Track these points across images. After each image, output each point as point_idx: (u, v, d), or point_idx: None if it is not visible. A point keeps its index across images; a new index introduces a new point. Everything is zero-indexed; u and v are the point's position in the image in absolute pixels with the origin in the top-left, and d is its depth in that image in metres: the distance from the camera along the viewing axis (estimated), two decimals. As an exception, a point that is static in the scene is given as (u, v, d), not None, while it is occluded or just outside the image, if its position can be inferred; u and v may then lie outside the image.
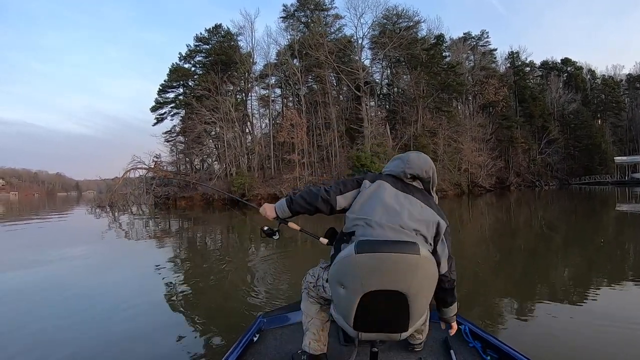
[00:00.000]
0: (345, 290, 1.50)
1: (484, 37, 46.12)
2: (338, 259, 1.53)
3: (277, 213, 1.92)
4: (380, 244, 1.47)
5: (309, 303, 1.94)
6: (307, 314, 1.94)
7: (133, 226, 15.08)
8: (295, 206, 1.83)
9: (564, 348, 2.93)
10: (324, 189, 1.77)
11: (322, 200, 1.75)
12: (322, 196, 1.75)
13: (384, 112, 36.23)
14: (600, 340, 3.03)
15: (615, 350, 2.86)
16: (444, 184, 32.16)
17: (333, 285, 1.58)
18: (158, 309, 4.26)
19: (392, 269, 1.44)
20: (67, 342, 3.38)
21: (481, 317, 3.66)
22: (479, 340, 2.12)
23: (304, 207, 1.82)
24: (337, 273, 1.53)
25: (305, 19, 37.85)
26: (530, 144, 44.37)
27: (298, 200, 1.81)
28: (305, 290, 1.97)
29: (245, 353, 2.05)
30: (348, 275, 1.48)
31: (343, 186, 1.77)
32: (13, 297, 4.93)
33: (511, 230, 11.36)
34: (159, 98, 39.63)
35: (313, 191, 1.79)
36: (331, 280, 1.59)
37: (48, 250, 8.69)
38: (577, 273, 5.51)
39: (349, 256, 1.45)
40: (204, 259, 7.59)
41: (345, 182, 1.80)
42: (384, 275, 1.45)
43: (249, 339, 2.15)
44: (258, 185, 30.90)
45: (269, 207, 1.97)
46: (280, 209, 1.90)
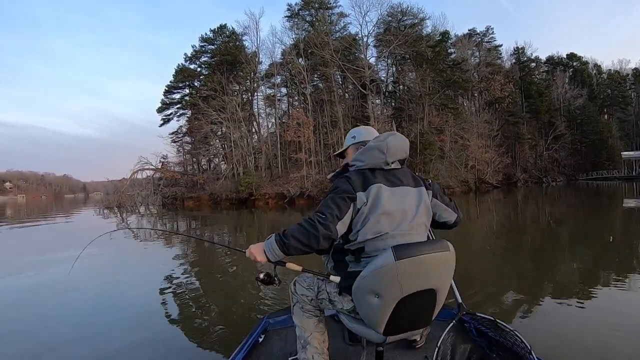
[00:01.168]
0: (380, 299, 1.49)
1: (489, 33, 45.92)
2: (372, 269, 1.48)
3: (268, 257, 1.62)
4: (417, 247, 1.50)
5: (304, 318, 1.83)
6: (305, 328, 1.82)
7: (141, 226, 15.21)
8: (291, 250, 1.56)
9: (569, 345, 2.94)
10: (319, 223, 1.51)
11: (323, 238, 1.51)
12: (322, 234, 1.51)
13: (390, 110, 36.15)
14: (606, 338, 3.01)
15: (621, 348, 2.83)
16: (451, 180, 32.16)
17: (363, 296, 1.53)
18: (164, 309, 4.31)
19: (430, 269, 1.51)
20: (70, 342, 3.41)
21: (488, 313, 3.65)
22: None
23: (301, 250, 1.56)
24: (371, 284, 1.49)
25: (310, 17, 37.83)
26: (537, 140, 44.18)
27: (293, 244, 1.54)
28: (298, 305, 1.85)
29: (250, 354, 2.05)
30: (386, 284, 1.47)
31: (338, 210, 1.55)
32: (28, 298, 4.97)
33: (518, 226, 11.35)
34: (165, 99, 39.86)
35: (308, 230, 1.51)
36: (360, 292, 1.53)
37: (57, 251, 8.77)
38: (584, 270, 5.48)
39: (387, 264, 1.44)
40: (211, 259, 7.62)
41: (336, 203, 1.57)
42: (422, 277, 1.50)
43: (255, 340, 2.15)
44: (265, 184, 31.00)
45: (257, 250, 1.66)
46: (271, 253, 1.60)
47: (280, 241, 1.56)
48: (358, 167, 1.69)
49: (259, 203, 29.03)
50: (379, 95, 36.89)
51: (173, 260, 7.45)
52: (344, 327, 1.81)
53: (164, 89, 39.92)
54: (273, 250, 1.58)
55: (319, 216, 1.54)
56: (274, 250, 1.58)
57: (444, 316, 2.28)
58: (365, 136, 1.91)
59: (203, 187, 33.88)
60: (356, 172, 1.67)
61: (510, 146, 41.11)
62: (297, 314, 1.86)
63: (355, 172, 1.67)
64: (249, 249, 1.69)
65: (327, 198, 1.60)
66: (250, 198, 30.03)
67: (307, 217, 1.56)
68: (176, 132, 40.23)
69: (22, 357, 3.22)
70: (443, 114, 35.14)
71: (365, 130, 1.97)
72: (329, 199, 1.60)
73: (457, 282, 2.21)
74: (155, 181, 34.57)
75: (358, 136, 1.94)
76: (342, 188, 1.60)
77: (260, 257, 1.63)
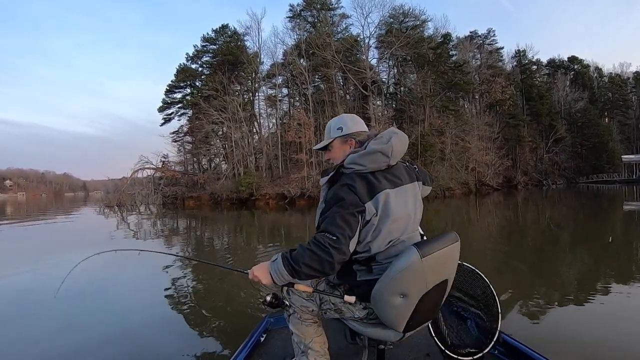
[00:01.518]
0: (404, 299, 1.49)
1: (490, 36, 46.03)
2: (397, 271, 1.45)
3: (275, 281, 1.53)
4: (436, 242, 1.52)
5: (304, 327, 1.73)
6: (305, 335, 1.74)
7: (141, 226, 15.20)
8: (302, 277, 1.48)
9: (569, 344, 2.97)
10: (332, 247, 1.41)
11: (338, 264, 1.44)
12: (337, 260, 1.42)
13: (391, 111, 36.17)
14: (605, 339, 3.04)
15: (622, 350, 2.84)
16: (451, 182, 32.21)
17: (385, 299, 1.50)
18: (166, 309, 4.33)
19: (447, 261, 1.58)
20: (71, 342, 3.42)
21: None
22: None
23: (314, 276, 1.49)
24: (396, 286, 1.47)
25: (312, 18, 37.86)
26: (538, 142, 44.28)
27: (305, 271, 1.44)
28: (295, 315, 1.74)
29: (252, 353, 2.04)
30: (413, 282, 1.48)
31: (349, 229, 1.45)
32: (30, 297, 4.99)
33: (518, 229, 11.38)
34: (166, 98, 39.88)
35: (321, 256, 1.41)
36: (382, 296, 1.50)
37: (58, 251, 8.75)
38: (583, 271, 5.49)
39: (414, 264, 1.44)
40: (212, 258, 7.63)
41: (346, 220, 1.45)
42: (440, 270, 1.56)
43: (256, 339, 2.15)
44: (266, 184, 30.98)
45: (261, 272, 1.56)
46: (278, 277, 1.51)
47: (289, 266, 1.46)
48: (357, 171, 1.55)
49: (260, 203, 29.02)
50: (380, 97, 36.89)
51: (173, 259, 7.36)
52: (344, 326, 1.78)
53: (165, 88, 40.04)
54: (281, 275, 1.49)
55: (330, 238, 1.42)
56: (282, 275, 1.49)
57: None
58: (354, 127, 1.73)
59: (203, 186, 33.86)
60: (357, 176, 1.54)
61: (510, 149, 41.16)
62: (294, 324, 1.76)
63: (356, 176, 1.54)
64: (252, 270, 1.59)
65: (335, 214, 1.46)
66: (250, 198, 30.01)
67: (316, 240, 1.43)
68: (177, 131, 40.28)
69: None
70: (444, 115, 35.18)
71: (352, 119, 1.76)
72: (337, 216, 1.45)
73: None
74: (155, 180, 34.59)
75: (345, 127, 1.72)
76: (348, 200, 1.47)
77: (266, 280, 1.54)
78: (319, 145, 1.82)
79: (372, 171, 1.55)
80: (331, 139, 1.75)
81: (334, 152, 1.77)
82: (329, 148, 1.78)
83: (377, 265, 1.55)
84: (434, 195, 29.98)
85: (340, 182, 1.55)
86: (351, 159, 1.58)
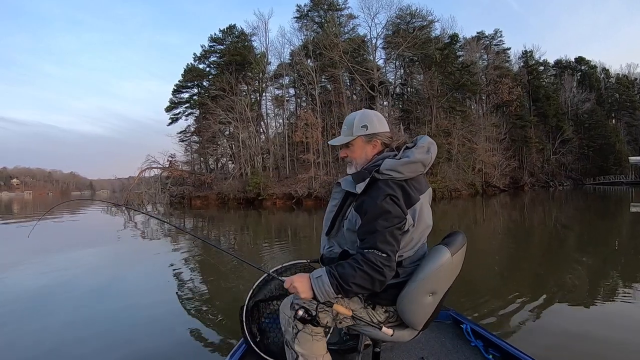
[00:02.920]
0: (433, 297, 1.53)
1: (497, 36, 45.93)
2: (430, 270, 1.48)
3: (317, 297, 1.44)
4: (457, 240, 1.60)
5: (314, 343, 1.56)
6: (316, 354, 1.58)
7: (148, 225, 15.20)
8: (350, 296, 1.47)
9: (568, 349, 2.95)
10: (386, 267, 1.38)
11: (389, 280, 1.42)
12: (388, 278, 1.41)
13: (398, 112, 36.17)
14: (604, 344, 3.02)
15: (623, 353, 2.85)
16: (458, 183, 32.15)
17: (415, 299, 1.51)
18: (166, 308, 4.33)
19: (463, 257, 1.64)
20: (71, 338, 3.50)
21: (487, 316, 3.69)
22: (480, 339, 2.12)
23: (365, 292, 1.47)
24: (429, 285, 1.50)
25: (319, 19, 37.93)
26: (544, 143, 44.13)
27: (355, 290, 1.41)
28: (305, 330, 1.56)
29: (247, 354, 2.02)
30: (444, 280, 1.55)
31: (397, 244, 1.43)
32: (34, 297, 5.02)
33: (524, 231, 11.31)
34: (173, 98, 40.15)
35: (373, 277, 1.38)
36: (412, 296, 1.50)
37: (66, 250, 8.85)
38: (587, 275, 5.42)
39: (446, 262, 1.50)
40: (218, 258, 7.56)
41: (394, 236, 1.42)
42: (459, 265, 1.63)
43: (253, 340, 2.10)
44: (273, 184, 31.08)
45: (302, 285, 1.47)
46: (322, 294, 1.43)
47: (337, 285, 1.40)
48: (394, 179, 1.49)
49: (267, 203, 29.11)
50: (387, 98, 36.90)
51: (179, 258, 7.55)
52: (339, 330, 1.79)
53: (172, 88, 40.31)
54: (326, 292, 1.42)
55: (382, 257, 1.39)
56: (327, 293, 1.42)
57: (440, 317, 2.37)
58: (380, 126, 1.64)
59: (211, 186, 34.00)
60: (396, 185, 1.48)
61: (517, 150, 41.02)
62: (303, 341, 1.56)
63: (394, 185, 1.48)
64: (291, 279, 1.49)
65: (385, 230, 1.41)
66: (257, 198, 30.12)
67: (367, 259, 1.39)
68: (184, 131, 40.54)
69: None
70: (451, 116, 35.11)
71: (377, 118, 1.66)
72: (386, 232, 1.40)
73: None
74: (162, 180, 34.75)
75: (371, 126, 1.62)
76: (394, 213, 1.43)
77: (306, 294, 1.45)
78: (338, 141, 1.69)
79: (407, 179, 1.51)
80: (354, 136, 1.64)
81: (355, 151, 1.66)
82: (349, 145, 1.67)
83: (403, 269, 1.54)
84: (441, 196, 29.97)
85: (380, 191, 1.47)
86: (391, 165, 1.49)
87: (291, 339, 1.57)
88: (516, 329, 3.36)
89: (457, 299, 3.94)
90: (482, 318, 3.59)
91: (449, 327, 2.35)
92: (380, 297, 1.54)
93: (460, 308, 2.99)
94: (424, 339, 2.19)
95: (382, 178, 1.49)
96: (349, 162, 1.69)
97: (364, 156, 1.64)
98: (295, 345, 1.55)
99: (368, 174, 1.52)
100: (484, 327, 2.24)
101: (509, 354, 1.90)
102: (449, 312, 2.46)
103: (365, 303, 1.57)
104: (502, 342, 2.00)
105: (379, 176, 1.49)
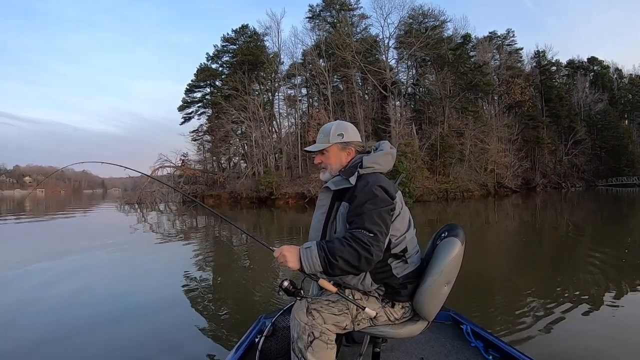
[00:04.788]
0: (448, 286, 1.61)
1: (509, 36, 45.54)
2: (447, 260, 1.57)
3: (303, 268, 1.46)
4: (457, 230, 1.67)
5: (328, 351, 1.54)
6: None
7: (160, 224, 15.48)
8: (336, 271, 1.44)
9: (568, 350, 2.95)
10: (373, 245, 1.41)
11: (374, 261, 1.44)
12: (376, 257, 1.43)
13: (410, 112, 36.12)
14: (605, 346, 3.03)
15: (620, 354, 2.86)
16: (470, 184, 32.13)
17: (435, 291, 1.56)
18: (173, 306, 4.41)
19: None
20: (71, 334, 3.58)
21: (488, 316, 3.71)
22: (480, 340, 2.11)
23: (347, 272, 1.46)
24: (447, 274, 1.57)
25: (331, 19, 38.00)
26: (557, 144, 43.65)
27: (340, 265, 1.41)
28: (320, 339, 1.52)
29: (246, 354, 2.00)
30: (457, 268, 1.63)
31: (384, 225, 1.47)
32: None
33: (535, 233, 11.23)
34: (186, 97, 40.44)
35: (360, 253, 1.39)
36: (432, 288, 1.55)
37: (81, 245, 9.15)
38: (592, 278, 5.28)
39: (459, 250, 1.60)
40: (229, 257, 7.70)
41: (383, 218, 1.47)
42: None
43: (251, 340, 2.10)
44: (286, 184, 31.26)
45: (291, 255, 1.48)
46: (309, 265, 1.45)
47: (324, 258, 1.42)
48: (378, 170, 1.64)
49: (279, 202, 29.30)
50: (399, 97, 36.88)
51: (190, 257, 7.69)
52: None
53: (185, 87, 40.58)
54: (312, 264, 1.44)
55: (368, 236, 1.42)
56: (314, 264, 1.43)
57: (440, 318, 2.39)
58: (354, 136, 1.75)
59: (223, 185, 34.23)
60: (380, 174, 1.64)
61: (529, 150, 40.69)
62: (318, 349, 1.52)
63: (379, 174, 1.63)
64: (280, 249, 1.51)
65: (371, 212, 1.46)
66: (270, 197, 30.31)
67: (354, 236, 1.42)
68: (197, 130, 40.80)
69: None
70: (463, 117, 35.02)
71: (352, 128, 1.78)
72: (373, 213, 1.46)
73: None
74: (175, 179, 35.01)
75: (346, 135, 1.73)
76: (380, 197, 1.51)
77: (294, 264, 1.46)
78: (314, 148, 1.75)
79: (383, 172, 1.67)
80: (330, 143, 1.72)
81: (330, 158, 1.74)
82: (324, 152, 1.75)
83: (409, 256, 1.62)
84: (453, 196, 29.97)
85: (366, 181, 1.56)
86: (371, 158, 1.64)
87: (304, 346, 1.52)
88: (517, 329, 3.36)
89: (461, 298, 3.96)
90: (483, 318, 3.61)
91: (449, 328, 2.35)
92: (400, 293, 1.59)
93: (462, 307, 3.03)
94: (424, 339, 2.19)
95: (366, 172, 1.60)
96: (323, 168, 1.77)
97: (339, 162, 1.73)
98: (308, 353, 1.50)
99: (355, 169, 1.62)
100: (484, 328, 2.24)
101: (509, 354, 1.89)
102: (449, 312, 2.45)
103: (384, 302, 1.60)
104: (502, 343, 2.00)
105: (362, 171, 1.60)
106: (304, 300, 1.59)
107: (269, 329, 1.96)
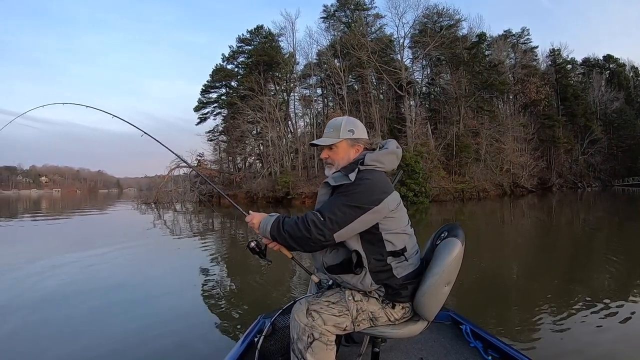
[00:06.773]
0: (448, 286, 1.61)
1: (524, 35, 45.08)
2: (448, 260, 1.56)
3: (259, 231, 1.58)
4: (457, 230, 1.67)
5: (328, 352, 1.55)
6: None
7: (177, 223, 15.70)
8: (281, 240, 1.53)
9: (569, 351, 2.97)
10: (313, 225, 1.45)
11: (314, 243, 1.47)
12: (314, 238, 1.46)
13: (425, 112, 36.09)
14: (606, 347, 3.03)
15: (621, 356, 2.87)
16: (486, 184, 32.02)
17: (436, 291, 1.57)
18: (162, 305, 4.48)
19: None
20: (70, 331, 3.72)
21: (489, 316, 3.73)
22: (480, 340, 2.11)
23: (291, 246, 1.55)
24: (447, 275, 1.58)
25: (346, 19, 38.12)
26: (573, 144, 43.10)
27: (285, 237, 1.50)
28: (320, 340, 1.53)
29: (246, 354, 2.01)
30: (456, 268, 1.62)
31: (342, 217, 1.46)
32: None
33: (549, 234, 11.10)
34: (202, 98, 40.92)
35: (301, 229, 1.46)
36: (434, 288, 1.56)
37: (96, 245, 9.19)
38: (597, 280, 5.28)
39: (460, 250, 1.59)
40: (245, 256, 7.48)
41: (342, 209, 1.46)
42: None
43: (251, 340, 2.10)
44: (302, 183, 31.48)
45: (257, 218, 1.61)
46: (263, 229, 1.56)
47: (276, 226, 1.53)
48: (378, 169, 1.61)
49: (295, 202, 29.56)
50: (415, 97, 36.85)
51: (205, 255, 7.90)
52: None
53: (201, 88, 41.07)
54: (265, 229, 1.55)
55: (317, 217, 1.47)
56: (266, 229, 1.55)
57: (440, 318, 2.41)
58: (362, 133, 1.73)
59: (240, 185, 34.55)
60: (377, 173, 1.59)
61: (545, 150, 40.25)
62: (317, 350, 1.53)
63: (376, 172, 1.59)
64: (252, 215, 1.63)
65: (336, 201, 1.52)
66: (286, 197, 30.57)
67: (305, 215, 1.50)
68: (212, 130, 41.22)
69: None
70: (479, 116, 34.89)
71: (361, 125, 1.76)
72: (337, 202, 1.50)
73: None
74: (191, 178, 35.37)
75: (356, 132, 1.71)
76: (358, 195, 1.52)
77: (256, 227, 1.60)
78: (323, 142, 1.71)
79: (386, 171, 1.64)
80: (339, 139, 1.68)
81: (338, 153, 1.70)
82: (332, 147, 1.70)
83: (409, 256, 1.61)
84: (469, 196, 29.90)
85: (361, 178, 1.54)
86: (373, 157, 1.61)
87: (304, 347, 1.53)
88: (517, 329, 3.37)
89: (462, 298, 4.03)
90: (484, 318, 3.64)
91: (449, 328, 2.35)
92: (401, 294, 1.58)
93: (464, 305, 3.09)
94: (423, 340, 2.20)
95: (366, 169, 1.57)
96: (330, 163, 1.73)
97: (347, 158, 1.69)
98: (307, 354, 1.52)
99: (356, 165, 1.59)
100: (483, 328, 2.24)
101: (508, 355, 1.89)
102: (449, 312, 2.44)
103: (384, 303, 1.60)
104: (502, 343, 2.01)
105: (363, 167, 1.57)
106: (304, 301, 1.61)
107: (268, 329, 1.95)
